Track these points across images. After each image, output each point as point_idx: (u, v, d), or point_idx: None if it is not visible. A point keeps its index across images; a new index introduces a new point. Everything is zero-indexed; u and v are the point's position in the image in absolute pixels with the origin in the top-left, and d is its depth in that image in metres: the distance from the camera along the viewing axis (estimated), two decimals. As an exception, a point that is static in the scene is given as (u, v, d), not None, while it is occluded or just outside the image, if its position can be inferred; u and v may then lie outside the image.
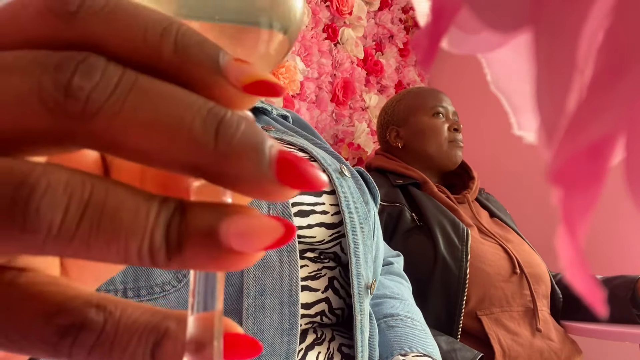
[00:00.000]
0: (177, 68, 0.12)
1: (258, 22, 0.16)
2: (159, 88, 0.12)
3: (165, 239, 0.12)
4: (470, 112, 1.75)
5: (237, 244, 0.12)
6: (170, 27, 0.12)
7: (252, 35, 0.16)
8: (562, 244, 0.10)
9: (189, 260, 0.12)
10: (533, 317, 1.02)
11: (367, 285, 0.47)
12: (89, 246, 0.11)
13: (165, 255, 0.12)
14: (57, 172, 0.11)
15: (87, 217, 0.11)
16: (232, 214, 0.12)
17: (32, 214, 0.11)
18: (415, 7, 0.16)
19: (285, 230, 0.13)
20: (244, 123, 0.12)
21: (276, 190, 0.12)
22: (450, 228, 1.05)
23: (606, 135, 0.09)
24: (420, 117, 1.29)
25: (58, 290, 0.12)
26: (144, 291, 0.35)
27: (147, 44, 0.12)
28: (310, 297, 0.45)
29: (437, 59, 0.22)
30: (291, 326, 0.38)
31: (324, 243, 0.47)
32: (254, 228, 0.12)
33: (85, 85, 0.11)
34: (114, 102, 0.11)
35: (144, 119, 0.11)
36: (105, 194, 0.11)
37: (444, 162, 1.27)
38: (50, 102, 0.11)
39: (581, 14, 0.10)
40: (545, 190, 0.13)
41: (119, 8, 0.12)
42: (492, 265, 1.02)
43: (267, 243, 0.12)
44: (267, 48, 0.17)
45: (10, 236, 0.11)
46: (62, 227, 0.11)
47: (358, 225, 0.48)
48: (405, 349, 0.53)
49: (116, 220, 0.11)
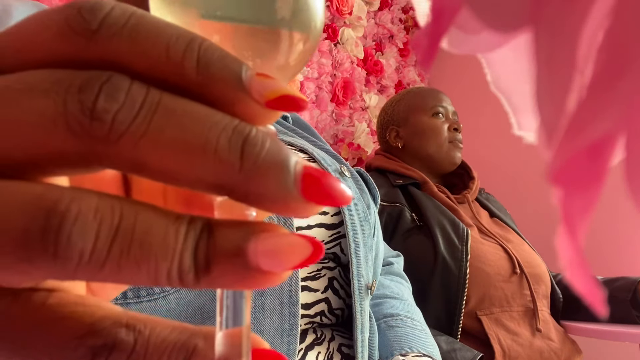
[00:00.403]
0: (200, 85, 0.12)
1: (278, 32, 0.16)
2: (183, 107, 0.12)
3: (194, 261, 0.12)
4: (470, 112, 1.75)
5: (265, 264, 0.12)
6: (193, 44, 0.12)
7: (271, 45, 0.16)
8: (562, 244, 0.10)
9: (217, 280, 0.12)
10: (533, 317, 1.02)
11: (367, 286, 0.47)
12: (119, 271, 0.11)
13: (194, 276, 0.12)
14: (87, 198, 0.11)
15: (117, 242, 0.11)
16: (260, 233, 0.12)
17: (64, 243, 0.11)
18: (415, 7, 0.16)
19: (314, 249, 0.12)
20: (268, 140, 0.12)
21: (302, 207, 0.12)
22: (450, 228, 1.05)
23: (606, 135, 0.09)
24: (419, 117, 1.29)
25: (88, 311, 0.12)
26: (144, 292, 0.35)
27: (170, 61, 0.12)
28: (309, 298, 0.45)
29: (437, 59, 0.22)
30: (291, 327, 0.38)
31: (324, 243, 0.47)
32: (281, 247, 0.12)
33: (111, 107, 0.11)
34: (139, 124, 0.11)
35: (169, 140, 0.11)
36: (135, 218, 0.11)
37: (444, 162, 1.27)
38: (76, 125, 0.11)
39: (581, 14, 0.10)
40: (545, 190, 0.13)
41: (140, 25, 0.12)
42: (492, 265, 1.02)
43: (295, 262, 0.12)
44: (286, 59, 0.17)
45: (42, 264, 0.11)
46: (93, 254, 0.11)
47: (359, 226, 0.48)
48: (405, 349, 0.53)
49: (146, 245, 0.11)
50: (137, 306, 0.34)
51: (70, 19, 0.12)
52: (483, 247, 1.05)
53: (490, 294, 1.00)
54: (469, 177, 1.31)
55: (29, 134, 0.11)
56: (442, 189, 1.22)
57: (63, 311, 0.12)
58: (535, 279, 1.05)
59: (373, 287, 0.48)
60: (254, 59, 0.16)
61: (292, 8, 0.16)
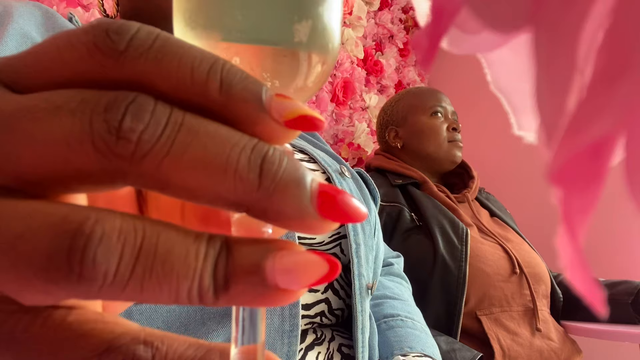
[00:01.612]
0: (222, 105, 0.13)
1: (297, 54, 0.16)
2: (205, 127, 0.12)
3: (213, 280, 0.12)
4: (470, 112, 1.75)
5: (283, 282, 0.12)
6: (216, 66, 0.12)
7: (290, 67, 0.17)
8: (562, 244, 0.10)
9: (235, 298, 0.12)
10: (533, 317, 1.02)
11: (368, 286, 0.47)
12: (141, 291, 0.11)
13: (214, 295, 0.12)
14: (110, 219, 0.11)
15: (140, 263, 0.11)
16: (277, 251, 0.12)
17: (89, 264, 0.11)
18: (415, 7, 0.16)
19: (330, 267, 0.13)
20: (285, 159, 0.12)
21: (318, 225, 0.13)
22: (449, 228, 1.05)
23: (606, 135, 0.09)
24: (418, 116, 1.29)
25: (106, 328, 0.13)
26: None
27: (194, 82, 0.12)
28: (310, 298, 0.45)
29: (437, 59, 0.22)
30: (292, 328, 0.38)
31: (324, 245, 0.47)
32: (299, 265, 0.12)
33: (136, 127, 0.11)
34: (163, 143, 0.11)
35: (191, 159, 0.12)
36: (157, 238, 0.12)
37: (443, 161, 1.27)
38: (102, 144, 0.11)
39: (581, 14, 0.10)
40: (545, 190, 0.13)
41: (166, 47, 0.12)
42: (491, 265, 1.02)
43: (312, 280, 0.13)
44: (305, 80, 0.17)
45: (66, 285, 0.11)
46: (117, 275, 0.11)
47: (359, 226, 0.48)
48: (406, 349, 0.53)
49: (167, 265, 0.11)
50: (137, 307, 0.34)
51: (98, 40, 0.12)
52: (483, 247, 1.05)
53: (490, 294, 1.00)
54: (469, 177, 1.31)
55: (55, 152, 0.11)
56: (442, 188, 1.22)
57: (83, 328, 0.13)
58: (535, 278, 1.05)
59: (373, 287, 0.48)
60: (272, 80, 0.17)
61: (311, 31, 0.16)
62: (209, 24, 0.16)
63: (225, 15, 0.16)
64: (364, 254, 0.47)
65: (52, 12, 0.43)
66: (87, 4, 1.20)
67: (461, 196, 1.22)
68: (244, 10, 0.16)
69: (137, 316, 0.34)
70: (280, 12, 0.16)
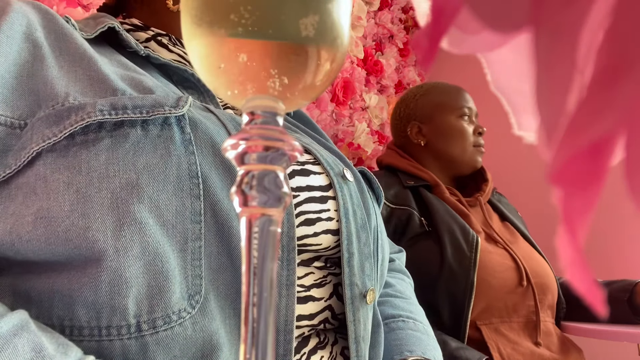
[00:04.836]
0: None
1: (306, 49, 0.16)
2: None
3: None
4: (470, 112, 1.75)
5: None
6: None
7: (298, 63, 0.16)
8: (562, 244, 0.10)
9: None
10: (534, 330, 0.99)
11: (362, 294, 0.46)
12: None
13: None
14: None
15: None
16: None
17: None
18: (415, 7, 0.16)
19: None
20: None
21: None
22: (460, 234, 1.00)
23: (606, 135, 0.09)
24: (447, 116, 1.21)
25: None
26: (160, 321, 0.33)
27: None
28: (314, 308, 0.44)
29: (437, 59, 0.22)
30: (285, 352, 0.38)
31: (330, 249, 0.46)
32: None
33: None
34: None
35: None
36: None
37: (465, 166, 1.21)
38: None
39: (581, 14, 0.10)
40: (545, 190, 0.13)
41: None
42: (497, 277, 0.99)
43: None
44: (313, 78, 0.17)
45: None
46: None
47: (354, 234, 0.47)
48: (406, 353, 0.52)
49: None
50: (152, 337, 0.33)
51: None
52: (491, 257, 1.01)
53: (492, 305, 0.97)
54: (483, 179, 1.25)
55: None
56: (454, 191, 1.17)
57: None
58: (541, 288, 1.02)
59: (370, 295, 0.47)
60: (281, 77, 0.16)
61: (319, 25, 0.16)
62: (215, 20, 0.16)
63: (231, 10, 0.15)
64: (357, 262, 0.46)
65: (52, 13, 0.43)
66: (87, 4, 1.20)
67: (473, 200, 1.17)
68: (250, 5, 0.15)
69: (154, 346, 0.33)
70: (288, 6, 0.16)
